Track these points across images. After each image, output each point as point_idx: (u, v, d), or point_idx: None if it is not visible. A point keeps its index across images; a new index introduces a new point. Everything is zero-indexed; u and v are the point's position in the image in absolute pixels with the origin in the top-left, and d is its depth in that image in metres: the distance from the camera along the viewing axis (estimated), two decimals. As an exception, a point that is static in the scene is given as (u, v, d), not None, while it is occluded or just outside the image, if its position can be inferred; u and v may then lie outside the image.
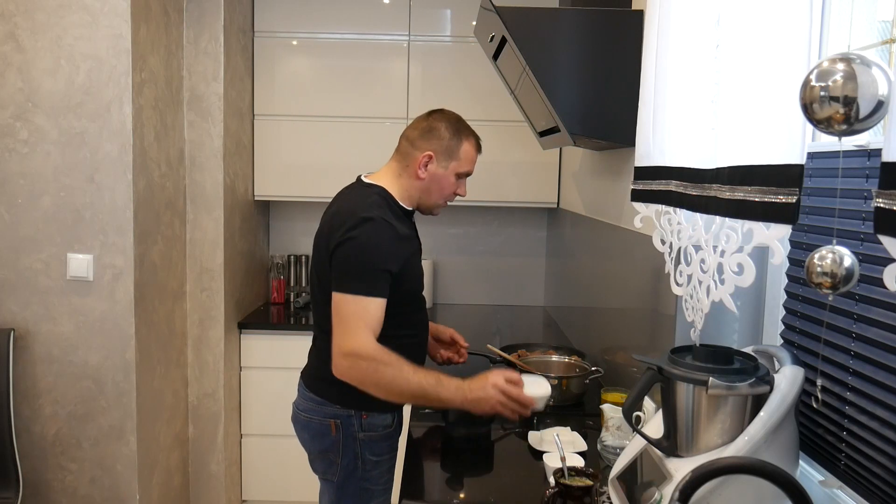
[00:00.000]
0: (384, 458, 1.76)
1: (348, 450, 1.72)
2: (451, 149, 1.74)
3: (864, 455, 1.12)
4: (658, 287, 1.72)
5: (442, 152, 1.74)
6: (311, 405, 1.76)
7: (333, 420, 1.72)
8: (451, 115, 1.80)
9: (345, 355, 1.58)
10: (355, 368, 1.58)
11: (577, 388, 2.03)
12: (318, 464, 1.78)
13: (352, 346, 1.57)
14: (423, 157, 1.72)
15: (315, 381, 1.78)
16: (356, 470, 1.73)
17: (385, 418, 1.75)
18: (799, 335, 1.34)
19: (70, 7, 2.25)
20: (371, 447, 1.73)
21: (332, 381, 1.67)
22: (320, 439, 1.75)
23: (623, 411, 1.25)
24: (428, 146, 1.73)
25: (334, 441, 1.72)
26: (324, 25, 3.16)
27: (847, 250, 0.81)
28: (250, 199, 3.22)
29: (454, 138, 1.75)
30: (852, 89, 0.73)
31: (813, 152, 1.27)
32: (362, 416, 1.71)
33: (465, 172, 1.79)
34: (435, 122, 1.76)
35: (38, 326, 2.34)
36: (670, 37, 1.33)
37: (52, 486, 2.40)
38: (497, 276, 3.61)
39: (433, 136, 1.74)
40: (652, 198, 1.45)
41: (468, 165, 1.78)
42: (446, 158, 1.74)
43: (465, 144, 1.77)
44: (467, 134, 1.78)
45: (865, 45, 1.20)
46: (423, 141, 1.74)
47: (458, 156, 1.75)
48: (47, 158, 2.29)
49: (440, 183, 1.76)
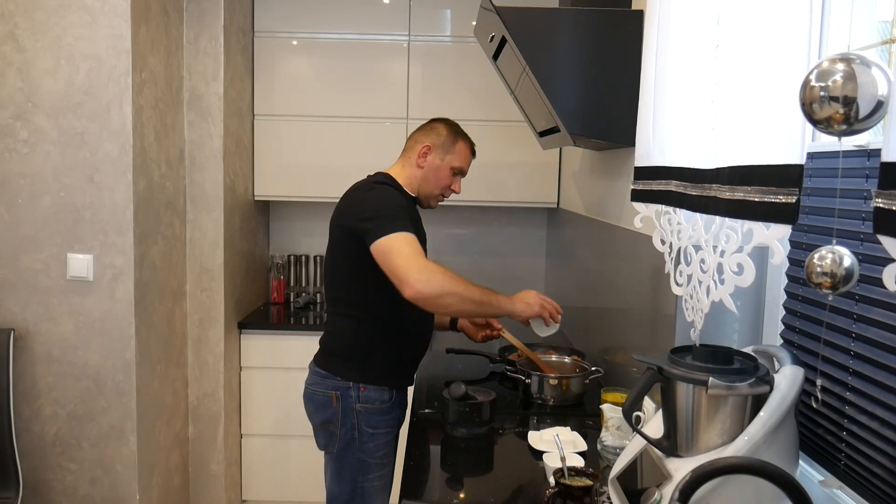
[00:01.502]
0: (380, 431, 1.89)
1: (346, 420, 1.87)
2: (447, 144, 1.99)
3: (864, 455, 1.12)
4: (658, 287, 1.72)
5: (439, 146, 1.98)
6: (316, 378, 1.93)
7: (334, 392, 1.88)
8: (451, 121, 2.05)
9: (419, 271, 1.69)
10: (433, 280, 1.70)
11: (577, 388, 2.03)
12: (321, 436, 1.93)
13: (423, 264, 1.71)
14: (423, 148, 1.97)
15: (322, 356, 1.96)
16: (353, 441, 1.87)
17: (382, 393, 1.89)
18: (799, 335, 1.34)
19: (70, 7, 2.25)
20: (368, 419, 1.87)
21: (337, 355, 1.92)
22: (323, 410, 1.90)
23: (623, 411, 1.25)
24: (426, 139, 1.99)
25: (334, 412, 1.88)
26: (324, 25, 3.16)
27: (847, 250, 0.81)
28: (250, 199, 3.22)
29: (451, 136, 2.00)
30: (852, 89, 0.74)
31: (813, 152, 1.27)
32: (360, 388, 1.87)
33: (460, 168, 2.01)
34: (435, 123, 2.03)
35: (38, 326, 2.34)
36: (670, 37, 1.33)
37: (52, 486, 2.40)
38: (497, 276, 3.60)
39: (432, 132, 2.00)
40: (652, 198, 1.45)
41: (462, 161, 2.01)
42: (443, 151, 1.98)
43: (461, 143, 2.01)
44: (463, 136, 2.03)
45: (865, 45, 1.20)
46: (422, 135, 2.01)
47: (454, 150, 1.99)
48: (47, 158, 2.29)
49: (437, 173, 1.99)
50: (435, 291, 1.69)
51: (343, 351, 1.92)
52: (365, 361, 1.89)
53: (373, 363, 1.89)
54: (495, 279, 3.60)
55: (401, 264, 1.70)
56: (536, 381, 2.03)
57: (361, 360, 1.89)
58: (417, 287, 1.67)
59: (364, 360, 1.90)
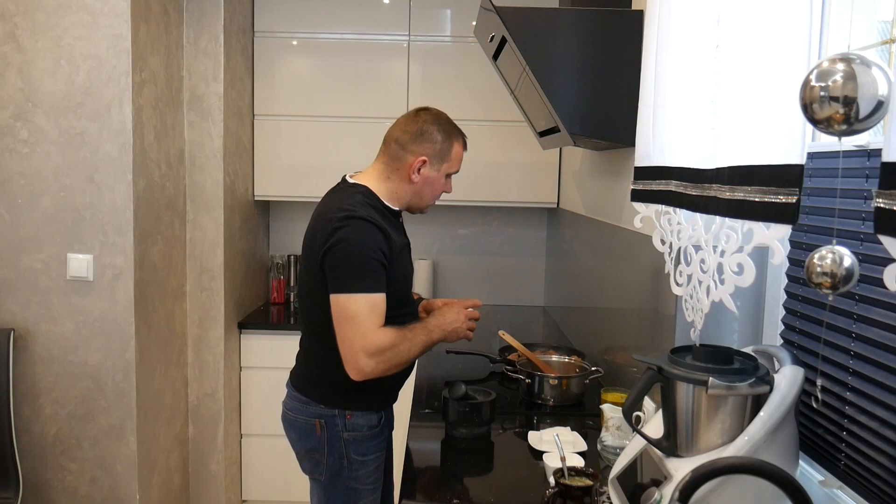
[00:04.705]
0: (370, 457, 1.77)
1: (333, 449, 1.74)
2: (443, 152, 1.76)
3: (864, 455, 1.12)
4: (658, 287, 1.72)
5: (435, 156, 1.75)
6: (296, 404, 1.78)
7: (318, 419, 1.74)
8: (439, 114, 1.81)
9: (371, 354, 1.60)
10: (383, 363, 1.62)
11: (577, 388, 2.04)
12: (306, 463, 1.80)
13: (377, 344, 1.60)
14: (417, 162, 1.74)
15: (301, 380, 1.81)
16: (342, 469, 1.74)
17: (370, 418, 1.76)
18: (799, 335, 1.34)
19: (70, 7, 2.25)
20: (356, 447, 1.74)
21: (317, 382, 1.75)
22: (306, 438, 1.76)
23: (623, 411, 1.25)
24: (421, 150, 1.74)
25: (319, 440, 1.74)
26: (324, 25, 3.16)
27: (847, 250, 0.81)
28: (250, 199, 3.22)
29: (446, 141, 1.76)
30: (852, 89, 0.73)
31: (813, 152, 1.27)
32: (346, 415, 1.73)
33: (455, 172, 1.83)
34: (426, 126, 1.76)
35: (38, 326, 2.34)
36: (670, 37, 1.33)
37: (52, 486, 2.40)
38: (497, 276, 3.61)
39: (426, 139, 1.74)
40: (652, 198, 1.45)
41: (458, 165, 1.82)
42: (439, 161, 1.76)
43: (456, 146, 1.79)
44: (456, 135, 1.80)
45: (865, 45, 1.20)
46: (415, 145, 1.74)
47: (450, 157, 1.78)
48: (47, 158, 2.29)
49: (433, 185, 1.79)
50: (380, 372, 1.62)
51: (324, 378, 1.74)
52: (348, 388, 1.68)
53: (357, 389, 1.68)
54: (495, 279, 3.61)
55: (352, 339, 1.59)
56: (536, 381, 2.03)
57: (344, 387, 1.68)
58: (366, 371, 1.60)
59: (348, 387, 1.67)
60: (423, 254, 3.52)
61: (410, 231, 1.92)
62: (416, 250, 3.63)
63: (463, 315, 1.80)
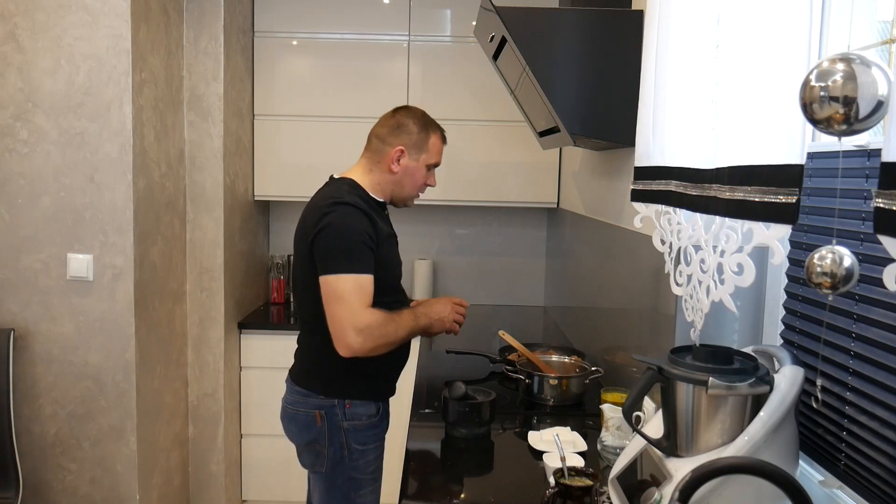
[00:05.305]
0: (370, 447, 1.81)
1: (334, 439, 1.78)
2: (420, 142, 1.85)
3: (864, 455, 1.12)
4: (658, 287, 1.72)
5: (412, 146, 1.84)
6: (296, 398, 1.83)
7: (318, 410, 1.78)
8: (416, 110, 1.90)
9: (359, 331, 1.65)
10: (371, 340, 1.67)
11: (577, 388, 2.04)
12: (306, 456, 1.84)
13: (365, 322, 1.66)
14: (396, 152, 1.82)
15: (299, 373, 1.86)
16: (343, 460, 1.78)
17: (368, 407, 1.81)
18: (799, 335, 1.34)
19: (70, 7, 2.25)
20: (356, 436, 1.79)
21: (315, 373, 1.81)
22: (307, 430, 1.81)
23: (623, 411, 1.25)
24: (398, 141, 1.83)
25: (320, 431, 1.78)
26: (324, 25, 3.16)
27: (847, 250, 0.81)
28: (250, 199, 3.22)
29: (422, 132, 1.85)
30: (852, 89, 0.73)
31: (813, 152, 1.27)
32: (346, 405, 1.78)
33: (435, 163, 1.89)
34: (402, 119, 1.86)
35: (38, 326, 2.34)
36: (670, 37, 1.33)
37: (52, 486, 2.40)
38: (497, 276, 3.61)
39: (402, 131, 1.84)
40: (652, 198, 1.45)
41: (437, 157, 1.89)
42: (417, 151, 1.85)
43: (433, 137, 1.87)
44: (433, 128, 1.88)
45: (865, 45, 1.20)
46: (393, 137, 1.84)
47: (428, 148, 1.86)
48: (47, 158, 2.29)
49: (413, 175, 1.86)
50: (368, 349, 1.67)
51: (322, 368, 1.80)
52: (347, 377, 1.77)
53: (356, 378, 1.78)
54: (495, 279, 3.61)
55: (341, 316, 1.65)
56: (536, 381, 2.03)
57: (343, 377, 1.77)
58: (354, 348, 1.65)
59: (346, 376, 1.77)
60: (423, 254, 3.52)
61: (411, 231, 1.93)
62: (416, 250, 3.66)
63: (450, 307, 1.87)
